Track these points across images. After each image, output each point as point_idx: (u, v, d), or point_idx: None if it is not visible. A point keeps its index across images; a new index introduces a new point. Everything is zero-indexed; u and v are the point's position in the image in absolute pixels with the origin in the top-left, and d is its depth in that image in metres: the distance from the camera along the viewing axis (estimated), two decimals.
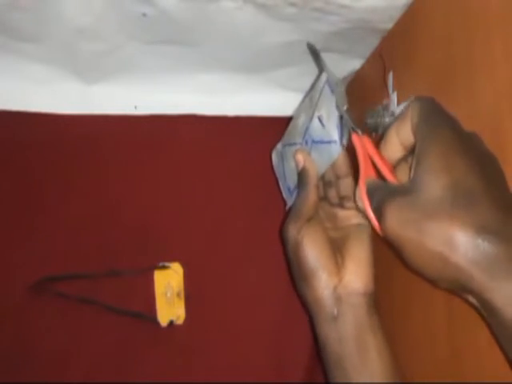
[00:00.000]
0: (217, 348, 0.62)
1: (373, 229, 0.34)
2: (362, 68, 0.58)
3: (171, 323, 0.61)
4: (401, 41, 0.46)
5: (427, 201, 0.27)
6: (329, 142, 0.44)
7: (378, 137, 0.51)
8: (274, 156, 0.55)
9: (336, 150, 0.43)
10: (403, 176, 0.34)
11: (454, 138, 0.28)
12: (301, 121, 0.48)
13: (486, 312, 0.26)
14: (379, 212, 0.30)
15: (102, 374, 0.59)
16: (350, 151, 0.41)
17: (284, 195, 0.53)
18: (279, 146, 0.53)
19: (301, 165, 0.45)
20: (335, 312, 0.42)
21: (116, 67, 0.58)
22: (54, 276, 0.59)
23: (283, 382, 0.63)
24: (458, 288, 0.27)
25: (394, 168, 0.35)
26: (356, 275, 0.43)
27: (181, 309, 0.62)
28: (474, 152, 0.28)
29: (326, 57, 0.55)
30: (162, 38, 0.51)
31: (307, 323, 0.57)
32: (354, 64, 0.58)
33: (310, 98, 0.47)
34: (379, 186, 0.33)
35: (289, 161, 0.50)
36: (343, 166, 0.44)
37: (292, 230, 0.43)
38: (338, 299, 0.42)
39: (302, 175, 0.45)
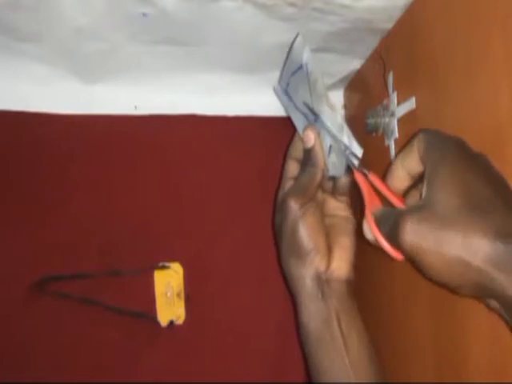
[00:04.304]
0: (217, 348, 0.62)
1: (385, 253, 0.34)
2: (362, 68, 0.58)
3: (171, 323, 0.61)
4: (401, 41, 0.46)
5: (444, 212, 0.28)
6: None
7: (378, 136, 0.51)
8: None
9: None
10: (414, 202, 0.35)
11: (461, 155, 0.30)
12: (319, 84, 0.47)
13: (509, 313, 0.27)
14: (395, 231, 0.30)
15: (102, 373, 0.59)
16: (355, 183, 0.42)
17: (279, 82, 0.52)
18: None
19: (311, 143, 0.46)
20: (321, 293, 0.44)
21: (116, 67, 0.57)
22: (55, 276, 0.59)
23: (283, 382, 0.63)
24: (480, 293, 0.28)
25: (403, 197, 0.36)
26: (342, 263, 0.45)
27: (181, 309, 0.62)
28: (480, 165, 0.29)
29: (325, 57, 0.55)
30: (161, 38, 0.51)
31: None
32: (354, 64, 0.58)
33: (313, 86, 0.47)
34: (388, 212, 0.34)
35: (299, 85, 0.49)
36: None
37: (294, 204, 0.44)
38: (325, 281, 0.44)
39: (311, 154, 0.46)
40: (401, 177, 0.35)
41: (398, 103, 0.46)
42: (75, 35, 0.50)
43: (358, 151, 0.44)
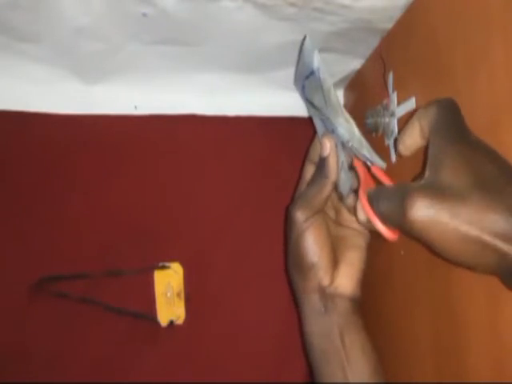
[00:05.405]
0: (217, 348, 0.62)
1: (376, 235, 0.34)
2: (362, 68, 0.58)
3: (171, 323, 0.61)
4: (401, 41, 0.46)
5: (455, 189, 0.28)
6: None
7: (378, 136, 0.51)
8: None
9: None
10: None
11: (464, 136, 0.30)
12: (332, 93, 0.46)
13: None
14: (401, 208, 0.29)
15: (101, 373, 0.59)
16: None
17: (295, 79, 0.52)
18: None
19: (326, 152, 0.45)
20: (324, 308, 0.43)
21: (116, 67, 0.57)
22: (54, 276, 0.59)
23: (283, 382, 0.63)
24: (497, 270, 0.27)
25: None
26: (347, 279, 0.44)
27: (181, 309, 0.62)
28: (483, 147, 0.29)
29: (325, 57, 0.55)
30: (161, 38, 0.51)
31: None
32: (354, 64, 0.58)
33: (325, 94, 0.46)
34: (384, 189, 0.33)
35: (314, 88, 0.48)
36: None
37: (300, 216, 0.44)
38: (329, 296, 0.43)
39: (323, 164, 0.45)
40: (415, 133, 0.33)
41: (398, 103, 0.46)
42: (75, 35, 0.50)
43: (381, 165, 0.43)
